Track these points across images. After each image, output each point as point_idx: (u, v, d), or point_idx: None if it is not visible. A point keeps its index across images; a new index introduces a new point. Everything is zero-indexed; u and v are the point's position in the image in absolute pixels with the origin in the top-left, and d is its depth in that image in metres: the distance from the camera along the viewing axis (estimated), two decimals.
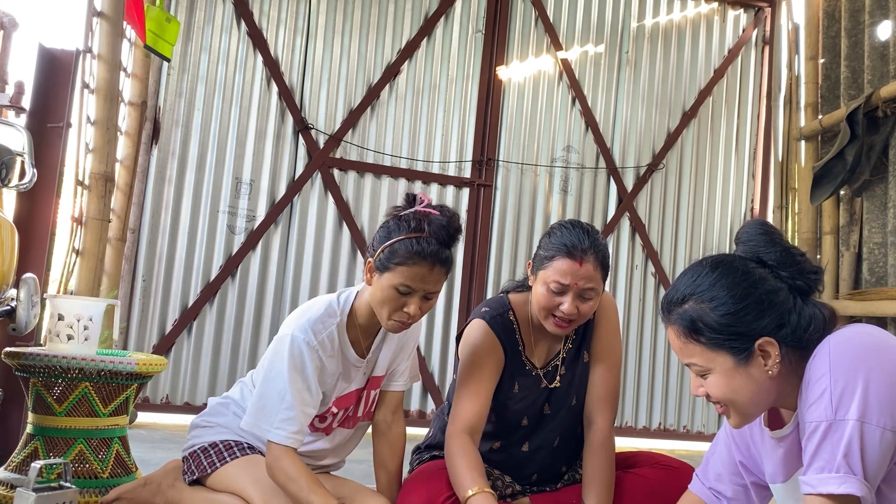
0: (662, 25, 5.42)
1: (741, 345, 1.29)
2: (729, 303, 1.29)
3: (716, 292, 1.31)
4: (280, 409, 1.69)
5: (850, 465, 1.16)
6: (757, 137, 5.54)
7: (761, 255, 1.35)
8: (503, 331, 1.96)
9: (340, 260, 4.80)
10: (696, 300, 1.32)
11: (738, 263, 1.34)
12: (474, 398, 1.89)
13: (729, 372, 1.30)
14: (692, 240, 5.36)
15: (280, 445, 1.68)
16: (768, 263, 1.34)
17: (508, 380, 1.96)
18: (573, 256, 1.82)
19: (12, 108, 3.06)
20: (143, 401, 4.42)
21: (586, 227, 1.88)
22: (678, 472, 1.95)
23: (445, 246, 1.72)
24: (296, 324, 1.77)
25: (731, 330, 1.29)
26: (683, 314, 1.33)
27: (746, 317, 1.29)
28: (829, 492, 1.17)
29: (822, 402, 1.20)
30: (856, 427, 1.17)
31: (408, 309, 1.73)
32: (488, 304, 2.03)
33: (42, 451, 2.13)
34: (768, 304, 1.29)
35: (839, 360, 1.21)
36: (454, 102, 5.03)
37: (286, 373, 1.70)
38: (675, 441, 5.18)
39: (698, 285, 1.33)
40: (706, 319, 1.30)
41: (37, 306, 2.05)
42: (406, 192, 1.82)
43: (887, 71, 3.99)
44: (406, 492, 1.87)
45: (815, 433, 1.20)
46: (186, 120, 4.61)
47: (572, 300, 1.83)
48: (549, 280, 1.84)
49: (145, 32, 3.55)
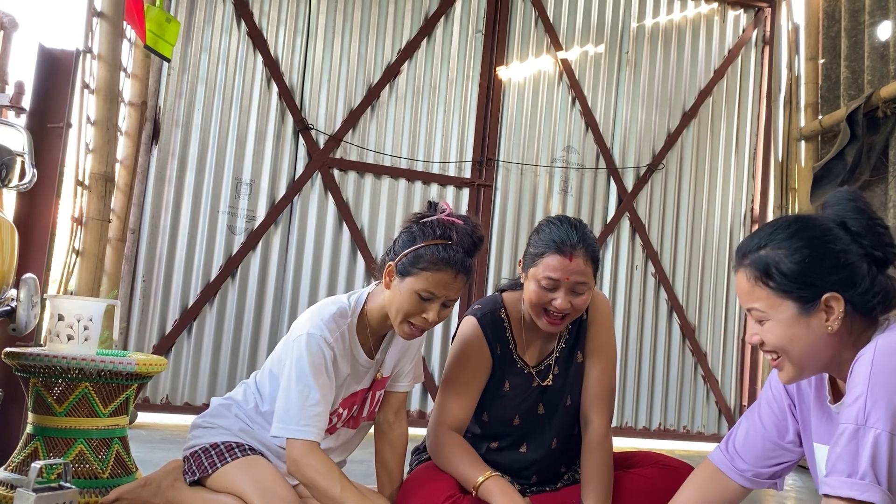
0: (662, 25, 5.42)
1: (809, 294, 1.30)
2: (806, 252, 1.31)
3: (793, 242, 1.33)
4: (306, 407, 1.69)
5: (876, 475, 1.17)
6: (757, 138, 5.54)
7: (846, 220, 1.36)
8: (493, 329, 1.96)
9: (340, 260, 4.80)
10: (773, 247, 1.34)
11: (821, 221, 1.36)
12: (460, 396, 1.91)
13: (790, 320, 1.32)
14: (692, 240, 5.36)
15: (305, 441, 1.68)
16: (851, 229, 1.35)
17: (499, 378, 1.96)
18: (563, 252, 1.81)
19: (12, 108, 3.06)
20: (143, 401, 4.42)
21: (574, 222, 1.88)
22: (678, 472, 1.94)
23: (469, 255, 1.74)
24: (310, 323, 1.77)
25: (802, 279, 1.30)
26: (759, 258, 1.35)
27: (820, 269, 1.30)
28: (850, 496, 1.18)
29: (856, 406, 1.21)
30: (885, 438, 1.17)
31: (426, 315, 1.73)
32: (481, 302, 2.03)
33: (42, 451, 2.13)
34: (843, 262, 1.31)
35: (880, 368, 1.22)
36: (454, 103, 5.03)
37: (308, 370, 1.71)
38: (675, 441, 5.18)
39: (777, 234, 1.35)
40: (781, 266, 1.32)
41: (37, 306, 2.05)
42: (428, 200, 1.84)
43: (887, 71, 4.00)
44: (406, 492, 1.87)
45: (843, 435, 1.21)
46: (186, 120, 4.61)
47: (564, 295, 1.83)
48: (539, 277, 1.83)
49: (145, 32, 3.54)
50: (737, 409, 5.32)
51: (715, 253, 5.38)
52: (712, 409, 5.30)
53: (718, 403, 5.30)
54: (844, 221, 1.36)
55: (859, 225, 1.35)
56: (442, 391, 1.94)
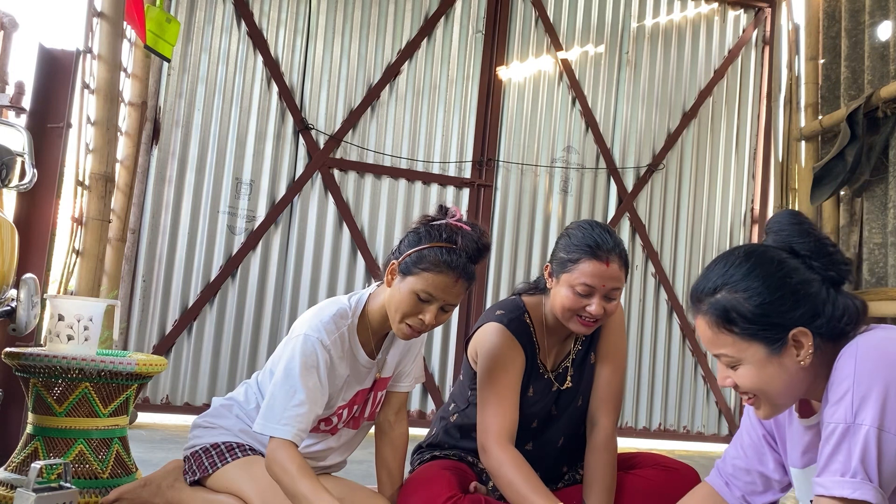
0: (662, 26, 5.42)
1: (775, 335, 1.26)
2: (764, 293, 1.27)
3: (750, 282, 1.28)
4: (288, 407, 1.68)
5: (867, 472, 1.16)
6: (757, 138, 5.54)
7: (794, 245, 1.32)
8: (521, 334, 1.94)
9: (340, 260, 4.80)
10: (730, 290, 1.29)
11: (771, 253, 1.31)
12: (505, 405, 1.86)
13: (761, 362, 1.27)
14: (692, 240, 5.36)
15: (280, 439, 1.67)
16: (801, 254, 1.31)
17: (525, 383, 1.94)
18: (599, 258, 1.79)
19: (12, 108, 3.06)
20: (144, 401, 4.42)
21: (605, 226, 1.86)
22: (679, 473, 1.94)
23: (473, 261, 1.74)
24: (308, 324, 1.77)
25: (766, 320, 1.26)
26: (716, 304, 1.30)
27: (781, 307, 1.26)
28: (843, 496, 1.17)
29: (843, 405, 1.19)
30: (874, 434, 1.16)
31: (423, 316, 1.73)
32: (503, 307, 2.00)
33: (42, 451, 2.13)
34: (803, 294, 1.27)
35: (864, 365, 1.20)
36: (454, 103, 5.03)
37: (298, 371, 1.70)
38: (675, 441, 5.18)
39: (731, 275, 1.30)
40: (740, 309, 1.27)
41: (37, 307, 2.05)
42: (439, 204, 1.84)
43: (887, 71, 3.99)
44: (407, 492, 1.86)
45: (833, 435, 1.20)
46: (186, 120, 4.61)
47: (599, 301, 1.81)
48: (575, 283, 1.81)
49: (145, 32, 3.54)
50: (737, 410, 5.32)
51: (715, 253, 5.37)
52: (712, 409, 5.30)
53: (718, 403, 5.30)
54: (792, 247, 1.32)
55: (808, 248, 1.31)
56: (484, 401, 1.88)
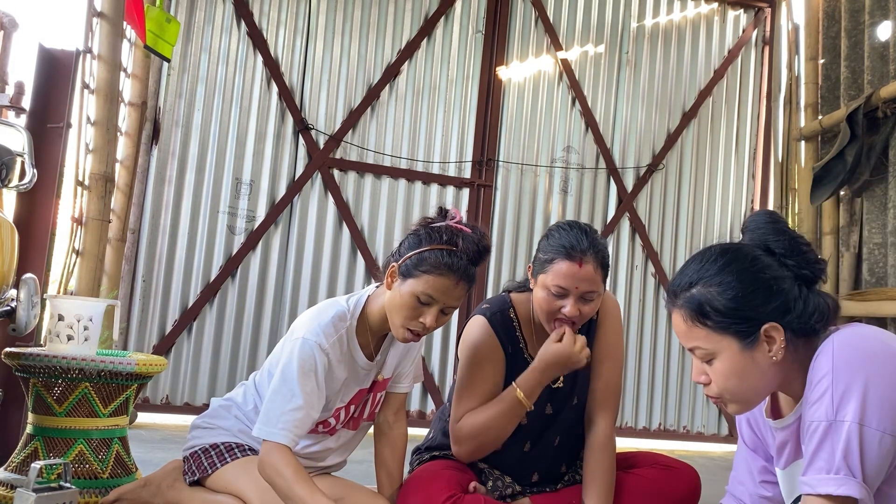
0: (662, 26, 5.42)
1: (747, 329, 1.29)
2: (737, 287, 1.30)
3: (723, 277, 1.32)
4: (286, 410, 1.68)
5: (850, 467, 1.17)
6: (757, 138, 5.54)
7: (769, 243, 1.35)
8: (503, 328, 1.95)
9: (340, 260, 4.80)
10: (704, 284, 1.33)
11: (746, 250, 1.35)
12: (477, 398, 1.88)
13: (734, 356, 1.30)
14: (692, 240, 5.35)
15: (274, 442, 1.67)
16: (775, 252, 1.35)
17: (510, 379, 1.95)
18: (572, 258, 1.79)
19: (12, 108, 3.06)
20: (143, 401, 4.42)
21: (584, 228, 1.86)
22: (678, 473, 1.95)
23: (473, 264, 1.73)
24: (307, 327, 1.76)
25: (738, 314, 1.29)
26: (690, 298, 1.33)
27: (753, 301, 1.29)
28: (828, 492, 1.18)
29: (823, 403, 1.20)
30: (855, 430, 1.17)
31: (423, 319, 1.72)
32: (489, 302, 2.02)
33: (42, 451, 2.13)
34: (776, 289, 1.30)
35: (842, 362, 1.21)
36: (454, 103, 5.03)
37: (295, 375, 1.70)
38: (675, 441, 5.17)
39: (706, 270, 1.34)
40: (714, 303, 1.31)
41: (37, 307, 2.04)
42: (439, 206, 1.83)
43: (887, 71, 3.99)
44: (406, 492, 1.86)
45: (815, 433, 1.21)
46: (186, 120, 4.61)
47: (574, 303, 1.81)
48: (549, 284, 1.82)
49: (145, 32, 3.54)
50: None
51: None
52: (712, 409, 5.30)
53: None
54: (768, 245, 1.35)
55: (783, 246, 1.34)
56: (459, 395, 1.90)
